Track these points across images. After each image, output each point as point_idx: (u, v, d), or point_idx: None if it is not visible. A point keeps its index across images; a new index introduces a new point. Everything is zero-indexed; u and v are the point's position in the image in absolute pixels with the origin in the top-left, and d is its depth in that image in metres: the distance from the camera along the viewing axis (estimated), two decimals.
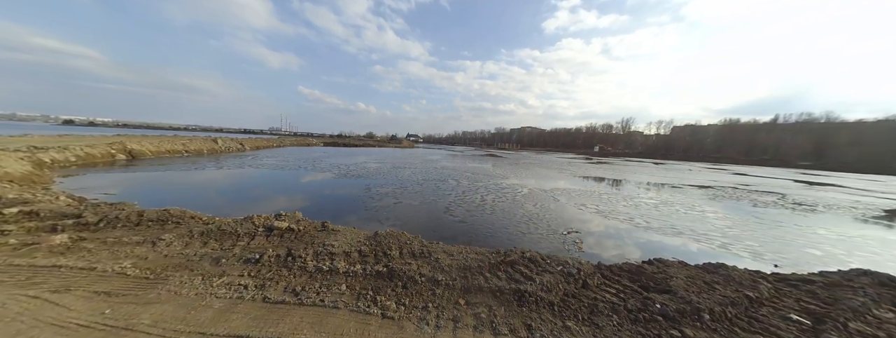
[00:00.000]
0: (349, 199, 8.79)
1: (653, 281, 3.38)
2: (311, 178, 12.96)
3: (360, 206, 7.84)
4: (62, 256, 3.42)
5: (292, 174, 13.61)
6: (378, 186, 11.21)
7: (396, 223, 6.41)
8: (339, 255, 3.61)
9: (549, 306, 2.85)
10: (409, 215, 7.07)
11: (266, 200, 8.26)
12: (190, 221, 4.77)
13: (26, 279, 2.88)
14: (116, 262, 3.33)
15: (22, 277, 2.92)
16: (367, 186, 11.14)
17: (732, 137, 73.81)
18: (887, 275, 3.68)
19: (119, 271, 3.15)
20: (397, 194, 9.63)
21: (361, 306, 2.71)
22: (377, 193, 9.62)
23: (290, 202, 8.09)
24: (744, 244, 6.07)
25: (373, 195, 9.32)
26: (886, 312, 2.96)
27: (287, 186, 10.75)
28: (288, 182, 11.43)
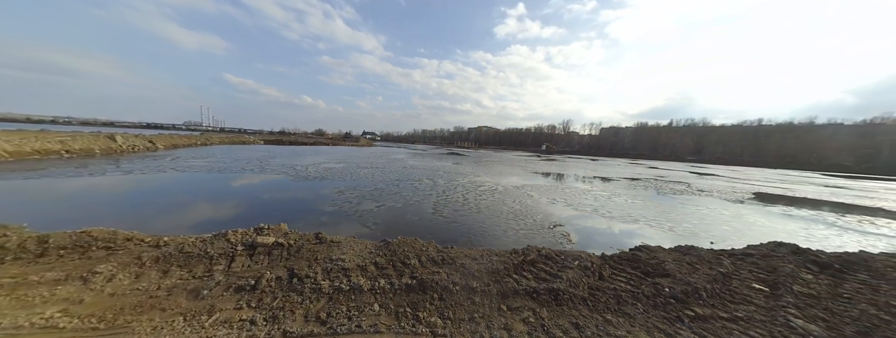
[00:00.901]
0: (322, 204, 7.92)
1: (650, 267, 3.81)
2: (264, 182, 11.34)
3: (339, 212, 7.12)
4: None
5: (237, 178, 11.72)
6: (350, 188, 10.36)
7: (387, 228, 6.00)
8: (354, 270, 3.21)
9: (583, 302, 2.99)
10: (397, 219, 6.69)
11: (217, 210, 6.93)
12: (128, 245, 3.69)
13: None
14: (34, 312, 2.39)
15: None
16: (338, 189, 10.20)
17: (643, 137, 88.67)
18: (793, 245, 4.81)
19: (45, 324, 2.26)
20: (375, 197, 9.03)
21: (406, 326, 2.45)
22: (353, 197, 8.88)
23: (250, 212, 6.93)
24: (683, 227, 7.30)
25: (348, 199, 8.57)
26: (807, 274, 3.87)
27: (235, 192, 9.18)
28: (234, 188, 9.78)
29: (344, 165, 18.73)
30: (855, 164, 55.72)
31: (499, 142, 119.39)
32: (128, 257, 3.28)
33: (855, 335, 2.72)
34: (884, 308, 3.10)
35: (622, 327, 2.62)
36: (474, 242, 5.22)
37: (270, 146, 37.21)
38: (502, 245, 5.09)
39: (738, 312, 2.96)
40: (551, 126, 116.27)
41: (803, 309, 3.08)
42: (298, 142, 49.47)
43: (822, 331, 2.74)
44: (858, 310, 3.10)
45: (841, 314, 3.02)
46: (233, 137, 45.92)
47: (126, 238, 3.86)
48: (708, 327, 2.71)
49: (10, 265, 3.15)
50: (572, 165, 31.92)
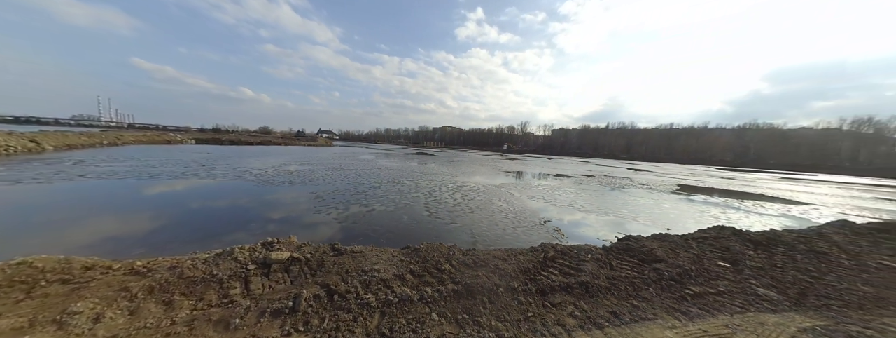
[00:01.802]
0: (305, 211, 7.26)
1: (643, 254, 4.38)
2: (221, 188, 9.95)
3: (328, 218, 6.62)
4: None
5: (181, 185, 10.05)
6: (329, 193, 9.63)
7: (388, 233, 5.80)
8: (393, 280, 3.09)
9: (608, 291, 3.34)
10: (395, 223, 6.47)
11: (172, 225, 5.88)
12: (94, 275, 2.95)
13: None
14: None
15: None
16: (314, 193, 9.41)
17: (586, 138, 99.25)
18: (732, 227, 5.95)
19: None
20: (361, 201, 8.57)
21: (472, 333, 2.47)
22: (336, 201, 8.30)
23: (217, 224, 6.04)
24: (642, 216, 8.47)
25: (332, 204, 7.99)
26: (749, 251, 4.86)
27: (186, 202, 7.85)
28: (183, 197, 8.36)
29: (309, 166, 17.32)
30: (733, 159, 69.93)
31: (463, 142, 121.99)
32: (107, 289, 2.65)
33: (798, 296, 3.54)
34: (806, 273, 4.08)
35: (648, 311, 3.01)
36: (482, 242, 5.37)
37: (206, 146, 32.33)
38: (510, 243, 5.33)
39: (720, 286, 3.62)
40: (510, 127, 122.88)
41: (759, 279, 3.88)
42: (242, 141, 43.63)
43: (777, 295, 3.50)
44: (791, 276, 4.02)
45: (782, 280, 3.89)
46: (152, 135, 38.42)
47: (86, 267, 3.09)
48: (706, 302, 3.26)
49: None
50: (534, 163, 34.17)
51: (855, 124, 66.31)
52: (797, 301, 3.45)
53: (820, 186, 24.14)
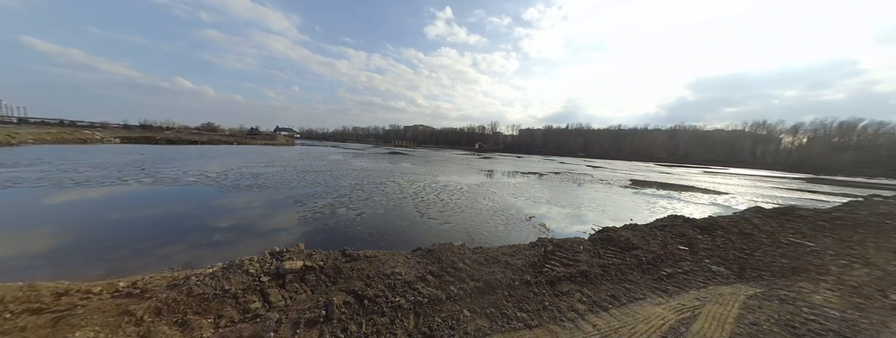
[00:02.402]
0: (289, 218, 6.85)
1: (622, 243, 4.99)
2: (172, 196, 8.88)
3: (319, 225, 6.33)
4: None
5: (120, 192, 8.78)
6: (306, 197, 9.12)
7: (387, 236, 5.76)
8: (416, 282, 3.17)
9: (602, 277, 3.79)
10: (390, 226, 6.42)
11: (129, 239, 5.20)
12: (74, 301, 2.56)
13: None
14: None
15: None
16: (291, 198, 8.85)
17: (550, 137, 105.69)
18: (682, 216, 6.99)
19: None
20: (345, 204, 8.27)
21: (503, 325, 2.68)
22: (318, 206, 7.92)
23: (176, 236, 5.48)
24: (609, 209, 9.46)
25: (316, 209, 7.62)
26: (698, 235, 5.78)
27: (128, 212, 6.91)
28: (123, 206, 7.33)
29: (275, 168, 16.10)
30: (667, 156, 79.97)
31: (436, 141, 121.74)
32: (103, 315, 2.34)
33: (740, 269, 4.37)
34: (741, 251, 5.01)
35: (637, 292, 3.51)
36: (479, 240, 5.62)
37: (137, 146, 28.06)
38: (504, 240, 5.66)
39: (685, 266, 4.31)
40: (481, 127, 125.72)
41: (710, 258, 4.69)
42: (183, 140, 38.48)
43: (725, 270, 4.29)
44: (731, 254, 4.92)
45: (727, 258, 4.75)
46: (58, 132, 31.91)
47: (56, 293, 2.67)
48: (677, 281, 3.88)
49: None
50: (506, 162, 35.49)
51: (753, 127, 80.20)
52: (739, 274, 4.26)
53: (732, 178, 28.86)
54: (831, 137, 70.09)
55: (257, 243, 5.33)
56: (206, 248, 5.01)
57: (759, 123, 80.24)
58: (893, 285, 3.87)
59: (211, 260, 4.44)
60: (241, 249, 5.00)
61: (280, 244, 5.17)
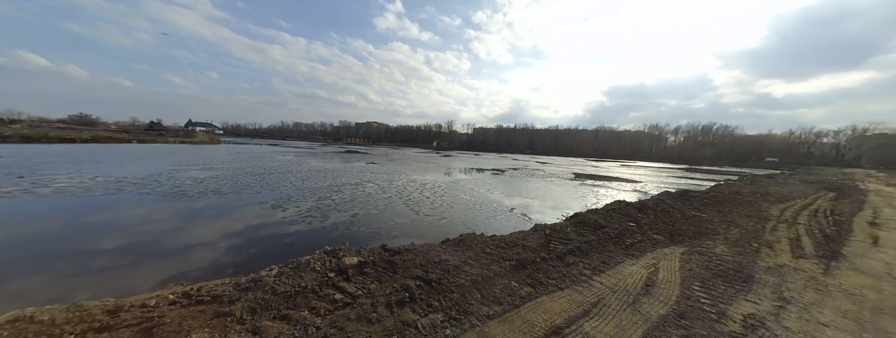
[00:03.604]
0: (274, 225, 6.49)
1: (592, 224, 6.26)
2: (101, 206, 7.51)
3: (313, 229, 6.19)
4: None
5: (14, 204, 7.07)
6: (282, 201, 8.54)
7: (396, 233, 6.02)
8: (462, 265, 3.71)
9: (591, 250, 4.86)
10: (392, 224, 6.63)
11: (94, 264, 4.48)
12: (136, 316, 2.38)
13: None
14: None
15: None
16: (268, 203, 8.23)
17: (501, 136, 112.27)
18: (624, 201, 8.82)
19: None
20: (332, 207, 8.05)
21: (542, 290, 3.43)
22: (306, 209, 7.59)
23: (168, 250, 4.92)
24: (568, 198, 11.14)
25: (303, 213, 7.31)
26: (638, 214, 7.49)
27: (65, 230, 5.79)
28: (49, 225, 6.06)
29: (219, 171, 14.21)
30: (592, 152, 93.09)
31: (392, 138, 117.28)
32: (197, 320, 2.30)
33: (670, 236, 5.98)
34: (667, 223, 6.76)
35: (615, 258, 4.66)
36: (480, 231, 6.30)
37: None
38: (500, 229, 6.46)
39: (638, 237, 5.72)
40: (438, 125, 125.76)
41: (652, 230, 6.27)
42: (49, 137, 29.67)
43: (663, 238, 5.84)
44: (663, 226, 6.61)
45: (661, 229, 6.39)
46: None
47: (106, 311, 2.43)
48: (637, 248, 5.20)
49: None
50: (467, 159, 36.80)
51: (649, 128, 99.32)
52: (671, 239, 5.85)
53: (640, 169, 35.56)
54: (697, 136, 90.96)
55: (263, 250, 5.10)
56: (212, 258, 4.64)
57: (653, 126, 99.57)
58: (754, 238, 5.88)
59: (222, 269, 4.22)
60: (249, 257, 4.78)
61: (285, 249, 5.09)
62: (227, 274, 3.98)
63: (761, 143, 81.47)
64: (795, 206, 9.98)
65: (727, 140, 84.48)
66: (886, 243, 5.95)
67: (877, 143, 68.32)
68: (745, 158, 73.48)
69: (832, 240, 6.04)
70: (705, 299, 3.38)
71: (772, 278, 4.06)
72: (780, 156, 73.79)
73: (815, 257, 5.02)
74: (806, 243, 5.75)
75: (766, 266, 4.49)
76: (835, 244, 5.73)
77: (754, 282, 3.93)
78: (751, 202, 10.06)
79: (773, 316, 3.10)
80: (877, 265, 4.71)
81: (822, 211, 9.16)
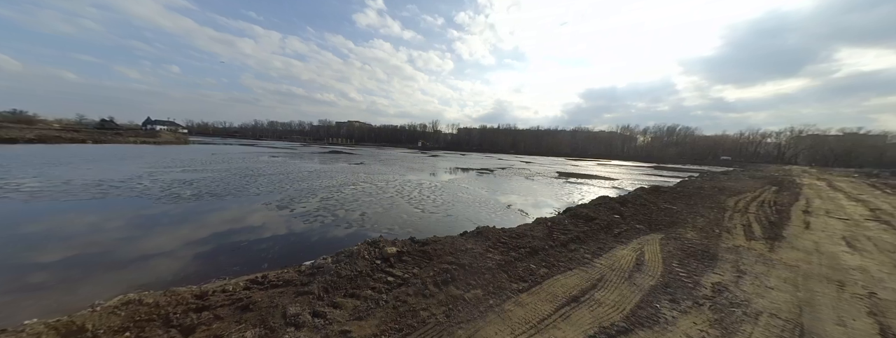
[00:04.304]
0: (292, 222, 6.66)
1: (584, 217, 7.04)
2: (93, 209, 7.32)
3: (329, 225, 6.45)
4: None
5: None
6: (286, 201, 8.66)
7: (408, 228, 6.42)
8: (487, 252, 4.25)
9: (587, 238, 5.58)
10: (402, 220, 7.03)
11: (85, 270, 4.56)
12: (227, 297, 2.68)
13: None
14: None
15: None
16: (270, 204, 8.31)
17: (485, 136, 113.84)
18: (607, 196, 9.78)
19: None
20: (338, 207, 8.29)
21: (556, 270, 4.05)
22: (312, 209, 7.80)
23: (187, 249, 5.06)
24: (556, 195, 12.02)
25: (313, 212, 7.53)
26: (621, 207, 8.41)
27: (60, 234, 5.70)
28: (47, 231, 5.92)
29: (206, 173, 13.81)
30: (571, 152, 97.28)
31: (375, 138, 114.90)
32: (282, 297, 2.64)
33: (650, 225, 6.88)
34: (646, 214, 7.72)
35: (608, 244, 5.40)
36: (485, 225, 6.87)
37: None
38: (503, 224, 7.06)
39: (623, 227, 6.56)
40: (422, 125, 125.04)
41: (634, 220, 7.15)
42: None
43: (644, 227, 6.72)
44: (643, 217, 7.54)
45: (641, 220, 7.30)
46: None
47: (195, 295, 2.71)
48: (625, 236, 6.00)
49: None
50: (454, 159, 37.30)
51: (621, 129, 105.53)
52: (650, 228, 6.75)
53: (615, 168, 38.01)
54: (663, 137, 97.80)
55: (289, 246, 5.35)
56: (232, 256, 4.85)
57: (625, 127, 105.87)
58: (715, 225, 6.92)
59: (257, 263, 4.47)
60: (279, 253, 5.03)
61: (310, 245, 5.39)
62: (262, 268, 4.24)
63: (717, 143, 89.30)
64: (747, 198, 11.49)
65: (688, 140, 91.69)
66: (815, 227, 7.23)
67: (809, 143, 77.17)
68: (704, 157, 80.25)
69: (775, 225, 7.24)
70: (683, 273, 4.16)
71: (731, 256, 4.96)
72: (733, 154, 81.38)
73: (763, 238, 6.08)
74: (756, 228, 6.87)
75: (726, 247, 5.43)
76: (777, 229, 6.90)
77: (718, 259, 4.80)
78: (711, 196, 11.45)
79: (734, 283, 3.92)
80: (808, 244, 5.82)
81: (767, 202, 10.66)
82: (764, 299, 3.50)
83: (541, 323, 2.74)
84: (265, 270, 3.50)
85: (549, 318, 2.83)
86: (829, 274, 4.36)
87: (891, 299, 3.66)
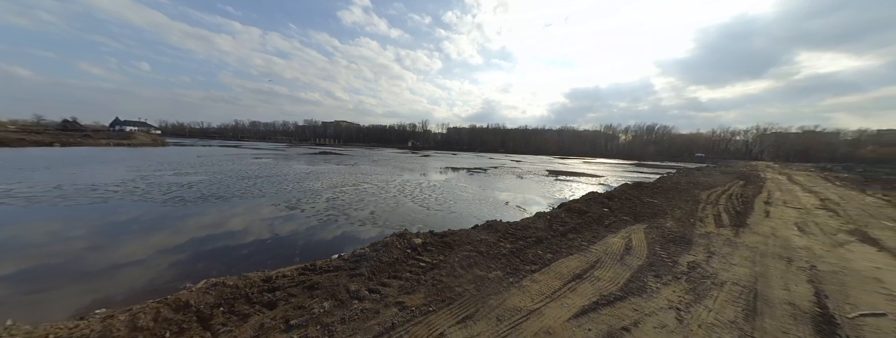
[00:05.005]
0: (306, 221, 7.00)
1: (577, 210, 7.76)
2: (102, 213, 7.41)
3: (343, 222, 6.83)
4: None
5: None
6: (294, 202, 8.89)
7: (418, 224, 6.89)
8: (498, 242, 4.82)
9: (582, 229, 6.27)
10: (410, 217, 7.48)
11: None
12: (289, 281, 3.09)
13: None
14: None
15: None
16: (279, 204, 8.53)
17: (474, 136, 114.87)
18: (596, 192, 10.61)
19: None
20: (348, 206, 8.63)
21: (559, 255, 4.67)
22: (322, 209, 8.10)
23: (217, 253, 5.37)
24: (548, 191, 12.78)
25: (323, 211, 7.85)
26: (608, 201, 9.22)
27: None
28: None
29: (201, 176, 13.75)
30: (557, 150, 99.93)
31: (364, 138, 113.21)
32: (339, 279, 3.10)
33: (635, 217, 7.68)
34: (632, 207, 8.54)
35: (600, 234, 6.11)
36: None
37: None
38: (509, 218, 7.66)
39: (612, 218, 7.31)
40: (412, 124, 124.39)
41: (621, 213, 7.94)
42: None
43: (631, 218, 7.51)
44: (628, 209, 8.35)
45: (627, 212, 8.10)
46: None
47: (264, 279, 3.12)
48: (614, 226, 6.74)
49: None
50: (446, 159, 37.70)
51: (604, 128, 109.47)
52: (636, 219, 7.54)
53: (599, 165, 39.69)
54: (643, 135, 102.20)
55: (315, 242, 5.73)
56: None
57: (608, 126, 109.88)
58: (690, 215, 7.81)
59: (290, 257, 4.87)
60: (306, 247, 5.42)
61: (321, 241, 5.81)
62: (295, 262, 4.63)
63: (691, 140, 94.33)
64: (717, 191, 12.67)
65: (666, 139, 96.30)
66: (774, 216, 8.27)
67: (773, 140, 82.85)
68: (680, 154, 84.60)
69: (740, 214, 8.23)
70: (664, 255, 4.89)
71: (703, 241, 5.77)
72: (706, 151, 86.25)
73: (730, 226, 6.98)
74: (724, 218, 7.81)
75: (699, 233, 6.25)
76: (742, 217, 7.87)
77: (693, 243, 5.58)
78: (687, 190, 12.55)
79: (705, 261, 4.67)
80: (766, 230, 6.75)
81: (734, 195, 11.84)
82: (728, 273, 4.25)
83: (553, 294, 3.34)
84: (298, 263, 3.92)
85: (559, 290, 3.43)
86: (780, 253, 5.21)
87: (826, 270, 4.51)
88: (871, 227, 7.26)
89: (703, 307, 3.22)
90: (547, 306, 3.05)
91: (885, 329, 3.07)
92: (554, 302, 3.13)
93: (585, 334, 2.62)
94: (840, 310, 3.38)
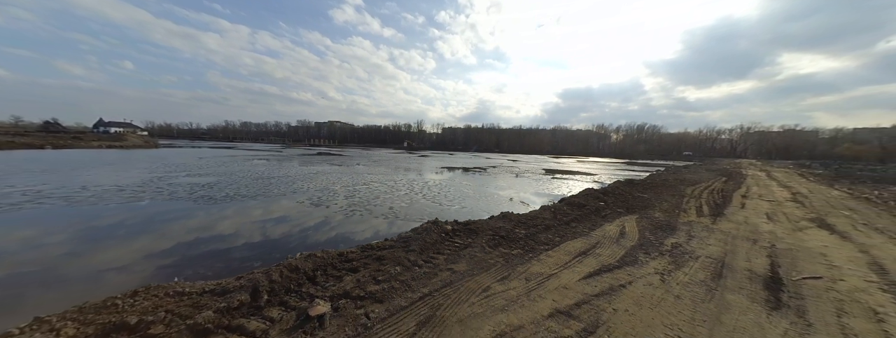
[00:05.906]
0: (332, 215, 7.74)
1: (577, 204, 8.67)
2: (145, 213, 8.02)
3: (367, 216, 7.58)
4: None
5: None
6: (317, 200, 9.60)
7: (436, 217, 7.68)
8: (515, 229, 5.66)
9: (583, 219, 7.16)
10: (426, 211, 8.27)
11: None
12: (352, 262, 3.87)
13: None
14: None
15: None
16: (303, 201, 9.20)
17: (470, 136, 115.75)
18: (592, 188, 11.56)
19: None
20: (366, 202, 9.37)
21: (567, 239, 5.54)
22: (345, 205, 8.86)
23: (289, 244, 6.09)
24: (548, 188, 13.70)
25: (346, 206, 8.63)
26: (604, 196, 10.17)
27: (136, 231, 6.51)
28: None
29: (213, 177, 14.19)
30: (551, 149, 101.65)
31: (359, 139, 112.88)
32: (399, 254, 3.88)
33: (628, 209, 8.62)
34: (625, 201, 9.49)
35: (598, 223, 7.02)
36: None
37: None
38: (517, 211, 8.51)
39: (608, 211, 8.24)
40: (407, 125, 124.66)
41: (616, 206, 8.88)
42: None
43: (624, 210, 8.44)
44: (622, 203, 9.30)
45: (621, 205, 9.05)
46: None
47: (336, 255, 3.88)
48: (609, 217, 7.66)
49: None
50: (444, 159, 38.47)
51: (596, 128, 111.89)
52: (628, 211, 8.49)
53: (592, 164, 41.02)
54: (634, 135, 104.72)
55: (347, 232, 6.48)
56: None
57: (600, 126, 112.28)
58: (676, 207, 8.79)
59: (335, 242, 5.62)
60: (346, 236, 6.17)
61: (356, 231, 6.56)
62: (340, 246, 5.39)
63: (680, 139, 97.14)
64: (701, 187, 13.78)
65: (656, 138, 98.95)
66: (748, 207, 9.33)
67: (757, 138, 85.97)
68: (669, 153, 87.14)
69: (719, 206, 9.26)
70: (652, 238, 5.80)
71: (685, 227, 6.72)
72: (693, 149, 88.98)
73: (709, 215, 7.98)
74: (705, 209, 8.82)
75: (682, 222, 7.21)
76: (720, 209, 8.90)
77: (676, 229, 6.53)
78: (674, 186, 13.63)
79: (686, 243, 5.60)
80: (740, 218, 7.76)
81: (716, 190, 12.95)
82: (704, 251, 5.17)
83: (565, 265, 4.19)
84: (351, 246, 4.69)
85: (570, 262, 4.28)
86: (748, 236, 6.18)
87: (783, 248, 5.48)
88: (829, 215, 8.35)
89: (681, 273, 4.12)
90: (562, 272, 3.90)
91: (818, 287, 4.01)
92: (567, 269, 3.99)
93: (592, 288, 3.48)
94: (787, 275, 4.31)
